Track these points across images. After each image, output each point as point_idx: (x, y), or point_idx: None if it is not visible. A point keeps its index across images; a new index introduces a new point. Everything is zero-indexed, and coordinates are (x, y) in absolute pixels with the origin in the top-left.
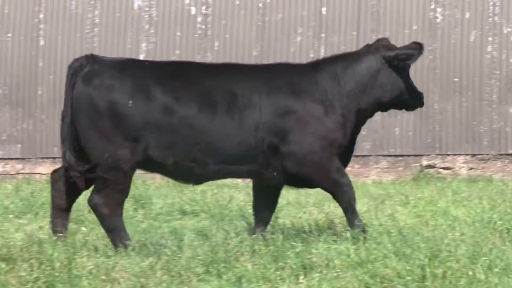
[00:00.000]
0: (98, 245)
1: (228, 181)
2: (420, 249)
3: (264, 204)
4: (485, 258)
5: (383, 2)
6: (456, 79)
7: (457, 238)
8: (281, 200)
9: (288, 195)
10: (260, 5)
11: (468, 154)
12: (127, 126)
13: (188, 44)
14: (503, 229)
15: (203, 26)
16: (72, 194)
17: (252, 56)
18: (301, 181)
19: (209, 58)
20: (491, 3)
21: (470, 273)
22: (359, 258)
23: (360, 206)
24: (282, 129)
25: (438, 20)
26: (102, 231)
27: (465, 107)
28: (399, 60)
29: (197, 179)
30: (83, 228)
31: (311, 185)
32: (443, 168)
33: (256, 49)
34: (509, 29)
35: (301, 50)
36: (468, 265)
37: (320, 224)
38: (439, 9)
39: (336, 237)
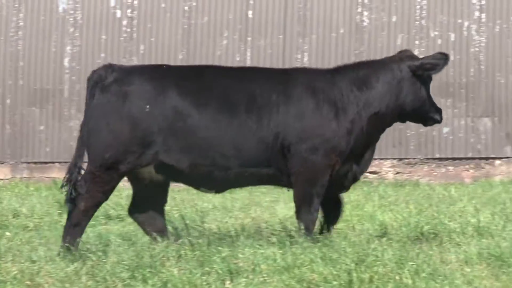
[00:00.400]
0: (23, 250)
1: None
2: (347, 253)
3: (331, 206)
4: (412, 263)
5: (310, 6)
6: None
7: (384, 242)
8: (207, 205)
9: (214, 199)
10: (186, 8)
11: (394, 158)
12: (141, 131)
13: (114, 47)
14: (430, 234)
15: (129, 29)
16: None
17: (178, 59)
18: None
19: (135, 61)
20: (418, 6)
21: (397, 277)
22: (285, 263)
23: (286, 210)
24: (295, 130)
25: (365, 24)
26: (27, 235)
27: None
28: (424, 70)
29: (221, 185)
30: (7, 233)
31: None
32: (370, 172)
33: (182, 52)
34: (436, 33)
35: (227, 53)
36: (395, 269)
37: (247, 229)
38: (365, 13)
39: (263, 242)
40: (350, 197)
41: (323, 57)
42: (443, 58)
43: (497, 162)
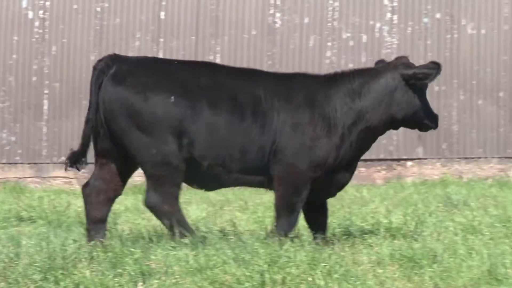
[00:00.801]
0: None
1: (66, 187)
2: (259, 255)
3: (315, 214)
4: (325, 264)
5: (222, 7)
6: None
7: (297, 243)
8: (119, 206)
9: (126, 200)
10: (98, 9)
11: None
12: (171, 120)
13: (26, 48)
14: (342, 235)
15: (41, 31)
16: (106, 204)
17: (90, 60)
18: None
19: (47, 62)
20: (330, 8)
21: (310, 279)
22: (198, 264)
23: (199, 212)
24: (284, 139)
25: (277, 25)
26: None
27: None
28: (417, 79)
29: (218, 186)
30: None
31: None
32: None
33: (94, 53)
34: (348, 34)
35: (140, 54)
36: (308, 271)
37: (159, 230)
38: (278, 14)
39: (175, 243)
40: (262, 198)
41: (235, 58)
42: (436, 67)
43: (409, 163)
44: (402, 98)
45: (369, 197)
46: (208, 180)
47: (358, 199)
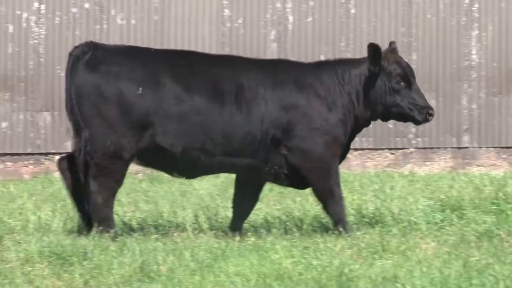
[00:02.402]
0: None
1: None
2: None
3: (245, 200)
4: None
5: None
6: None
7: None
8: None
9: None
10: None
11: None
12: (135, 114)
13: None
14: None
15: None
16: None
17: None
18: (299, 179)
19: None
20: None
21: None
22: None
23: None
24: (286, 123)
25: None
26: None
27: None
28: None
29: (199, 172)
30: None
31: (307, 182)
32: None
33: None
34: None
35: None
36: None
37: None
38: None
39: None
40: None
41: None
42: (370, 47)
43: (57, 157)
44: (378, 89)
45: (16, 192)
46: (188, 166)
47: (5, 195)
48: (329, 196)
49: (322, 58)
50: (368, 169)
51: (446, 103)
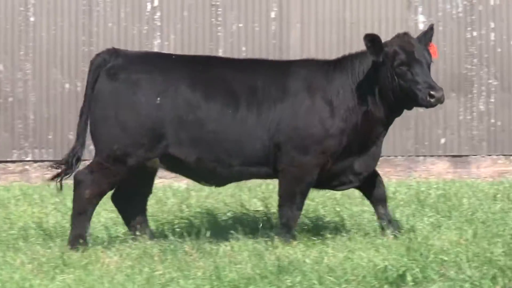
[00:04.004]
0: None
1: None
2: None
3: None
4: None
5: None
6: None
7: None
8: None
9: None
10: None
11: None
12: (150, 123)
13: None
14: None
15: None
16: (141, 207)
17: None
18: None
19: None
20: None
21: None
22: None
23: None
24: (288, 127)
25: None
26: None
27: None
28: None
29: (222, 181)
30: None
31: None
32: None
33: None
34: None
35: None
36: None
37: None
38: None
39: None
40: None
41: None
42: (365, 39)
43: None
44: (385, 78)
45: None
46: (208, 176)
47: None
48: (286, 200)
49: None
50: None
51: None
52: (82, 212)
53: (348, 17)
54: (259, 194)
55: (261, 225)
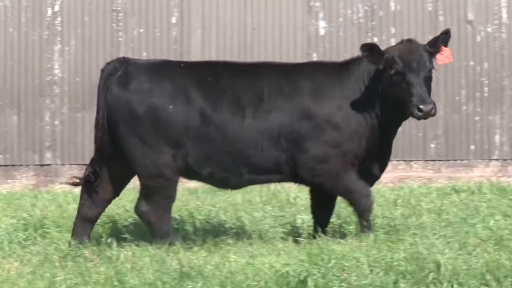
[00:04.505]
0: None
1: None
2: None
3: (322, 207)
4: None
5: None
6: None
7: None
8: None
9: None
10: None
11: None
12: (167, 131)
13: None
14: None
15: None
16: (101, 205)
17: None
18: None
19: None
20: None
21: None
22: None
23: None
24: (299, 135)
25: None
26: None
27: None
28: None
29: (235, 187)
30: None
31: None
32: None
33: None
34: None
35: None
36: None
37: None
38: None
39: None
40: None
41: None
42: (362, 48)
43: None
44: (388, 84)
45: None
46: (222, 183)
47: None
48: (349, 197)
49: None
50: None
51: (28, 120)
52: (164, 235)
53: (249, 22)
54: None
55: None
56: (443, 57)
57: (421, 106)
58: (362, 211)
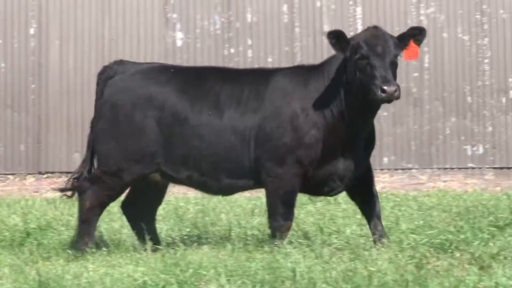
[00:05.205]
0: None
1: None
2: None
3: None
4: None
5: None
6: None
7: None
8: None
9: None
10: None
11: None
12: (143, 136)
13: None
14: None
15: None
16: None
17: None
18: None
19: None
20: None
21: None
22: None
23: None
24: (264, 138)
25: None
26: None
27: None
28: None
29: (216, 192)
30: None
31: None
32: None
33: None
34: None
35: None
36: None
37: None
38: None
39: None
40: None
41: None
42: (329, 36)
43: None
44: (351, 72)
45: None
46: (204, 188)
47: None
48: (272, 211)
49: None
50: None
51: None
52: (85, 221)
53: (107, 33)
54: (18, 210)
55: (19, 240)
56: (410, 53)
57: (384, 87)
58: (275, 229)
